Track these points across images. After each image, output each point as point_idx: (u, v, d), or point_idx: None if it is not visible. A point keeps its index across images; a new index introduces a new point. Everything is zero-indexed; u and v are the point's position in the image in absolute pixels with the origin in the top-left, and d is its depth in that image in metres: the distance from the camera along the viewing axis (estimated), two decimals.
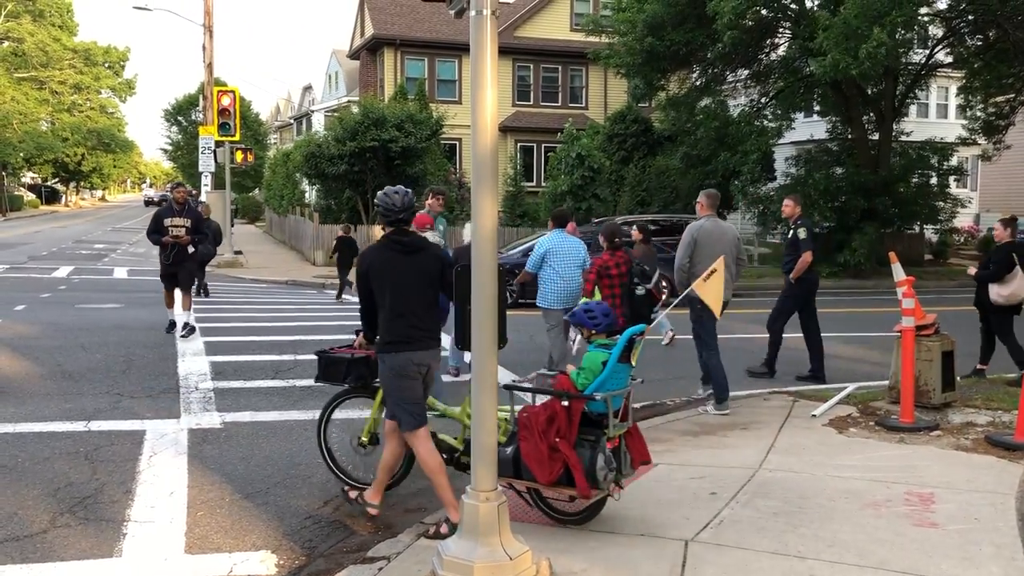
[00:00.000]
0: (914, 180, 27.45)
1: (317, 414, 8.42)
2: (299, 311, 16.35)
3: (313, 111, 55.71)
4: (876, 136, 27.24)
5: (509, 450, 5.34)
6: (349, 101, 44.72)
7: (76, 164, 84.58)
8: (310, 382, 9.82)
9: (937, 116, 37.85)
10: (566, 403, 5.27)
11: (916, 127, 32.60)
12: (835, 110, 28.00)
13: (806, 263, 10.59)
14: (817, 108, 29.40)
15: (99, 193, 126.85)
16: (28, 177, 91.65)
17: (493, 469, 4.56)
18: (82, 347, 11.71)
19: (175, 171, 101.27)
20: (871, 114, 27.34)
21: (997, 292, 10.30)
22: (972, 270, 10.55)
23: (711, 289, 7.26)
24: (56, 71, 66.40)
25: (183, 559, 5.14)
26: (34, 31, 63.25)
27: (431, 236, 8.94)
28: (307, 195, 45.10)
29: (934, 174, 27.97)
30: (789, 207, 10.85)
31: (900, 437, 7.69)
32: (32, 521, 5.67)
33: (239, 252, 29.65)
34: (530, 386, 5.53)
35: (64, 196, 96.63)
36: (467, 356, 12.63)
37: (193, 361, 10.80)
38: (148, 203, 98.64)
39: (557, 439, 5.22)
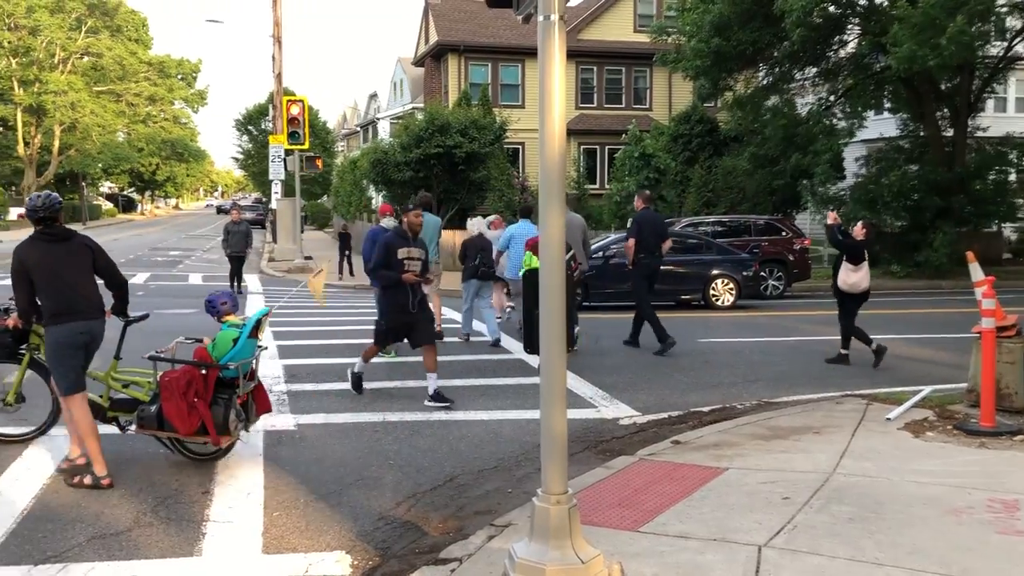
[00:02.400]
0: (991, 177, 26.63)
1: (387, 416, 8.54)
2: (365, 315, 16.57)
3: (379, 118, 56.43)
4: (950, 133, 26.51)
5: (154, 408, 6.71)
6: (414, 108, 45.19)
7: (151, 173, 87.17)
8: (379, 384, 9.95)
9: (1016, 111, 36.64)
10: (204, 371, 6.59)
11: (993, 122, 31.60)
12: (907, 107, 27.34)
13: (630, 248, 12.55)
14: (888, 105, 28.74)
15: (173, 201, 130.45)
16: (106, 187, 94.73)
17: (564, 471, 4.56)
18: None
19: (246, 179, 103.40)
20: (945, 110, 26.62)
21: None
22: None
23: (316, 284, 8.90)
24: (132, 84, 68.40)
25: (260, 559, 5.26)
26: (112, 46, 65.28)
27: (387, 222, 11.59)
28: (374, 201, 45.66)
29: (1013, 171, 27.10)
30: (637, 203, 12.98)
31: (980, 442, 7.48)
32: (117, 520, 5.85)
33: (309, 257, 30.16)
34: (171, 357, 6.89)
35: (140, 205, 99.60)
36: (477, 324, 13.48)
37: (267, 364, 11.02)
38: (220, 211, 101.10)
39: (195, 399, 6.54)
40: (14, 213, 61.14)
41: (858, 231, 11.50)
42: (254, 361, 6.99)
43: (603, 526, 5.55)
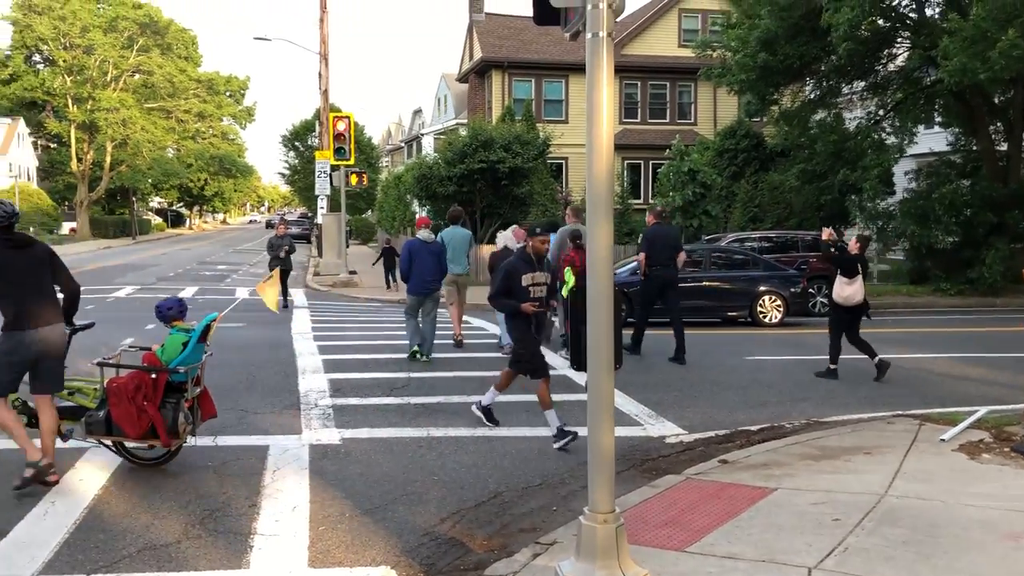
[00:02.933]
0: None
1: (432, 431, 8.56)
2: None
3: (423, 134, 56.86)
4: (1004, 147, 25.99)
5: (102, 413, 6.82)
6: (458, 124, 45.48)
7: (199, 189, 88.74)
8: (425, 399, 9.99)
9: None
10: (154, 375, 6.77)
11: None
12: (959, 121, 26.87)
13: (642, 262, 13.37)
14: (939, 119, 28.29)
15: (220, 216, 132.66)
16: (155, 202, 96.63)
17: (611, 489, 4.53)
18: (208, 365, 12.21)
19: (292, 195, 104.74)
20: (998, 124, 26.13)
21: None
22: None
23: (266, 290, 8.80)
24: (182, 100, 69.74)
25: (307, 573, 5.29)
26: (162, 64, 66.63)
27: (424, 234, 12.77)
28: (419, 215, 45.82)
29: None
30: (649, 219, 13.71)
31: None
32: (166, 531, 5.93)
33: (353, 272, 30.39)
34: (118, 363, 6.97)
35: (188, 219, 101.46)
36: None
37: (313, 378, 11.12)
38: (270, 225, 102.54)
39: (144, 403, 6.71)
40: (67, 227, 62.57)
41: (852, 246, 11.98)
42: (200, 367, 7.25)
43: (649, 546, 5.49)
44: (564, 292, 11.78)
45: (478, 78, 39.80)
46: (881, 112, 27.48)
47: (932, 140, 30.46)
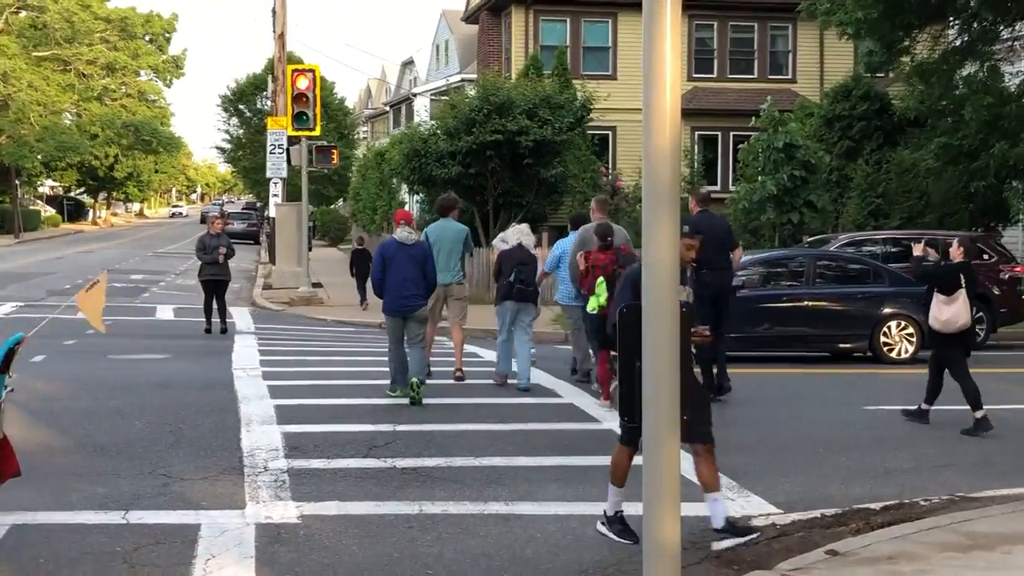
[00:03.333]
0: None
1: (425, 506, 8.56)
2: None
3: (416, 94, 57.21)
4: None
5: None
6: (464, 80, 45.70)
7: (107, 169, 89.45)
8: (416, 461, 9.99)
9: None
10: None
11: None
12: None
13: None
14: None
15: (136, 207, 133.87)
16: (47, 186, 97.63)
17: None
18: (118, 412, 12.28)
19: (235, 177, 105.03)
20: None
21: None
22: None
23: (92, 302, 8.53)
24: (84, 47, 70.26)
25: None
26: None
27: (402, 233, 13.23)
28: (408, 207, 45.91)
29: None
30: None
31: None
32: None
33: (318, 285, 30.56)
34: None
35: (92, 211, 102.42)
36: (516, 365, 14.37)
37: (261, 432, 11.15)
38: (206, 219, 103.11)
39: None
40: None
41: (955, 252, 12.28)
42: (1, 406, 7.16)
43: None
44: (591, 306, 12.64)
45: (492, 16, 39.99)
46: None
47: None
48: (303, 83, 28.03)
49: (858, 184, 29.47)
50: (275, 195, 32.28)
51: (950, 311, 12.00)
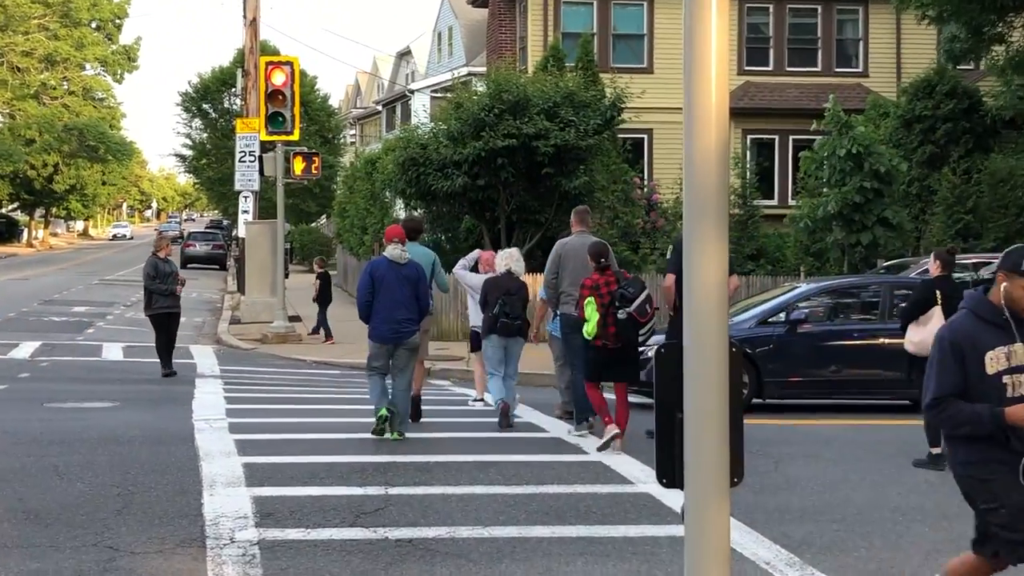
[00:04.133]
0: None
1: None
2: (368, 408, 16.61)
3: (413, 91, 57.41)
4: None
5: None
6: (471, 73, 45.85)
7: (45, 181, 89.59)
8: (412, 532, 9.92)
9: None
10: None
11: None
12: None
13: (669, 289, 14.25)
14: None
15: (79, 225, 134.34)
16: None
17: None
18: (56, 471, 12.22)
19: (197, 191, 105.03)
20: None
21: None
22: None
23: None
24: (19, 36, 70.70)
25: None
26: None
27: (393, 251, 14.04)
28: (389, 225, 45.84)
29: None
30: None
31: None
32: None
33: (296, 319, 30.56)
34: None
35: (27, 231, 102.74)
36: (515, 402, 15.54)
37: (227, 495, 11.10)
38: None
39: None
40: None
41: (932, 267, 13.29)
42: None
43: None
44: (587, 331, 13.48)
45: (505, 0, 40.12)
46: None
47: None
48: (279, 78, 28.10)
49: (943, 197, 29.43)
50: (245, 211, 32.36)
51: (925, 331, 12.57)
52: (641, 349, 14.14)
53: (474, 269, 17.21)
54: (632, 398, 16.88)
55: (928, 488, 12.18)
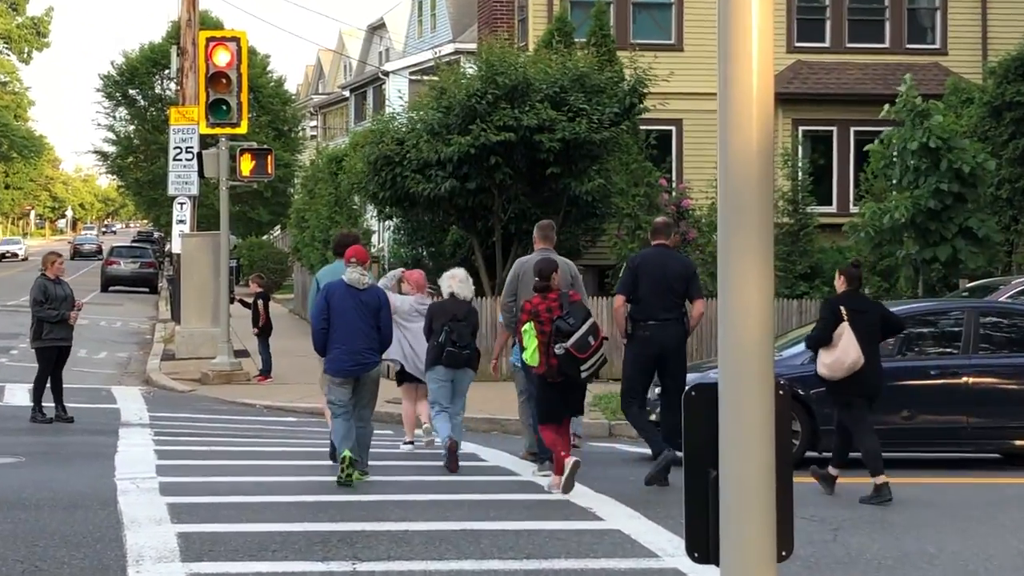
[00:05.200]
0: None
1: None
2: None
3: (388, 73, 57.55)
4: None
5: None
6: (459, 52, 45.97)
7: None
8: None
9: None
10: None
11: None
12: None
13: (619, 312, 15.71)
14: None
15: None
16: None
17: None
18: None
19: (123, 195, 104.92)
20: None
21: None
22: None
23: None
24: None
25: None
26: None
27: (353, 275, 14.84)
28: (375, 238, 46.09)
29: None
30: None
31: None
32: None
33: (243, 353, 30.47)
34: None
35: None
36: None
37: (157, 573, 11.06)
38: (79, 254, 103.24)
39: None
40: None
41: (837, 283, 15.17)
42: None
43: None
44: (527, 357, 14.57)
45: None
46: None
47: None
48: (223, 58, 28.08)
49: None
50: (181, 221, 32.36)
51: (837, 351, 14.36)
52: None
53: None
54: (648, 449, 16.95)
55: None
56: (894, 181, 27.73)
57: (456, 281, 16.46)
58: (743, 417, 4.44)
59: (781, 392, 4.57)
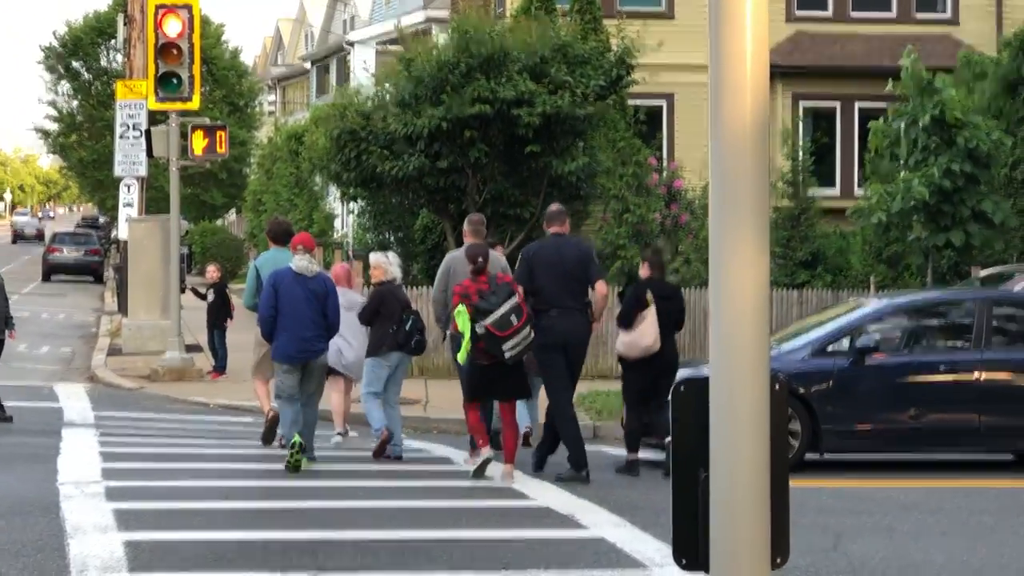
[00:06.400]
0: None
1: None
2: (319, 479, 16.62)
3: (353, 43, 57.48)
4: None
5: None
6: (430, 20, 45.93)
7: None
8: None
9: None
10: None
11: None
12: None
13: None
14: None
15: None
16: None
17: None
18: None
19: (65, 176, 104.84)
20: None
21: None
22: None
23: None
24: None
25: None
26: None
27: (300, 262, 15.95)
28: (338, 222, 46.14)
29: None
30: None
31: None
32: None
33: (195, 348, 30.39)
34: None
35: None
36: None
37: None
38: (20, 238, 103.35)
39: None
40: None
41: (642, 270, 17.30)
42: None
43: None
44: (461, 356, 15.68)
45: None
46: None
47: None
48: (173, 27, 28.00)
49: None
50: (128, 204, 32.27)
51: (635, 333, 16.18)
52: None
53: None
54: (647, 454, 17.02)
55: None
56: (902, 161, 27.69)
57: (396, 267, 17.65)
58: (736, 414, 4.45)
59: (777, 387, 4.59)
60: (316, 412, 16.72)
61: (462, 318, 15.08)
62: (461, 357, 15.62)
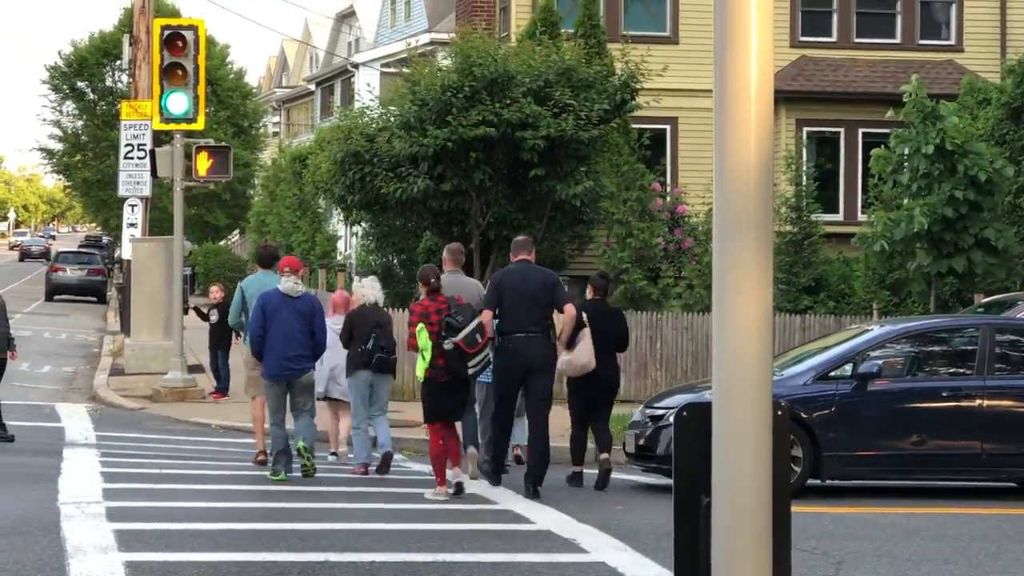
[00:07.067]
0: None
1: None
2: (319, 501, 16.60)
3: (357, 64, 57.52)
4: None
5: None
6: (434, 43, 45.93)
7: None
8: None
9: None
10: None
11: None
12: None
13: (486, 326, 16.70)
14: None
15: None
16: None
17: None
18: None
19: (69, 196, 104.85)
20: None
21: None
22: None
23: None
24: None
25: None
26: None
27: (288, 284, 16.77)
28: (342, 244, 46.09)
29: None
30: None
31: None
32: None
33: (198, 368, 30.37)
34: None
35: None
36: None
37: None
38: (27, 256, 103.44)
39: None
40: None
41: (589, 293, 18.62)
42: None
43: None
44: (419, 371, 16.25)
45: None
46: None
47: None
48: (179, 48, 28.03)
49: None
50: (132, 224, 32.26)
51: (572, 353, 17.04)
52: (660, 414, 17.13)
53: None
54: (647, 478, 17.00)
55: None
56: (904, 188, 27.67)
57: (375, 290, 18.05)
58: (738, 439, 4.44)
59: (779, 412, 4.58)
60: (312, 421, 17.39)
61: (422, 336, 15.68)
62: (419, 374, 16.14)
